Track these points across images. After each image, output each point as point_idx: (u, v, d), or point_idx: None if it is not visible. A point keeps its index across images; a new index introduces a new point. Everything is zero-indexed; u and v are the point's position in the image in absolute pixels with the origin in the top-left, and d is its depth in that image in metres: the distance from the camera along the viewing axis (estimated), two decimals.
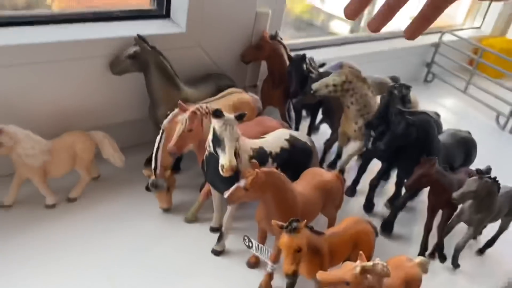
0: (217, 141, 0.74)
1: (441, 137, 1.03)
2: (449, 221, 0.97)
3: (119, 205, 0.98)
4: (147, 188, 1.00)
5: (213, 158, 0.79)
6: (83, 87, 0.98)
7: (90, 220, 0.92)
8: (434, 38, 1.89)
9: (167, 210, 0.98)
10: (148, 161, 1.09)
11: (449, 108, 1.79)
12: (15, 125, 0.84)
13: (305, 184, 0.83)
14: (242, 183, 0.72)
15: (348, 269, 0.62)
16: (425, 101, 1.56)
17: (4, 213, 0.90)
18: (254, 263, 0.89)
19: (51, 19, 0.96)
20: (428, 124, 0.95)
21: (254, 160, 0.73)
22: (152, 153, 0.98)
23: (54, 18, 0.96)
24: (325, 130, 1.37)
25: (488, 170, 1.00)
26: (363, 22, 3.44)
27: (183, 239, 0.92)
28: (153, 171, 0.92)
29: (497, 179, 0.88)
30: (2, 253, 0.82)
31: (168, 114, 0.91)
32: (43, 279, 0.79)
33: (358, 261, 0.63)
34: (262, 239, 0.85)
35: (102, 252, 0.86)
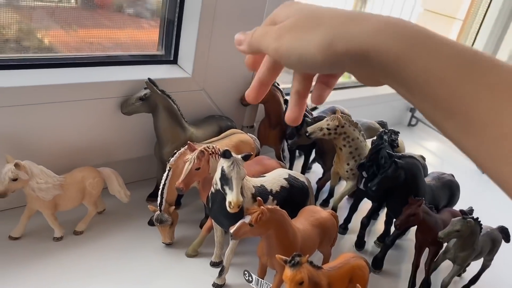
0: (225, 180, 0.80)
1: (427, 179, 1.10)
2: (435, 259, 1.03)
3: (123, 239, 1.02)
4: (150, 223, 1.04)
5: (219, 195, 0.84)
6: (94, 126, 1.03)
7: (96, 253, 0.96)
8: None
9: (169, 245, 1.02)
10: (151, 197, 1.15)
11: (433, 151, 1.88)
12: (30, 161, 0.89)
13: (303, 221, 0.89)
14: (247, 219, 0.78)
15: None
16: (410, 144, 1.66)
17: (12, 245, 0.93)
18: None
19: (66, 62, 1.03)
20: (415, 167, 1.03)
21: (259, 198, 0.79)
22: (157, 189, 1.03)
23: (69, 61, 1.03)
24: (316, 170, 1.44)
25: (471, 211, 1.08)
26: None
27: (184, 273, 0.96)
28: (158, 206, 0.97)
29: (479, 219, 0.95)
30: (9, 285, 0.84)
31: (175, 153, 0.97)
32: None
33: None
34: (262, 274, 0.89)
35: (107, 284, 0.89)
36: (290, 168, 1.37)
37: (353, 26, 0.41)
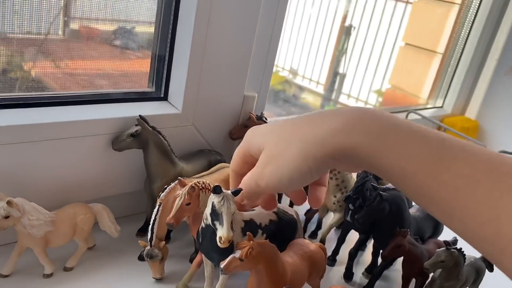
0: (216, 215, 0.82)
1: (412, 210, 1.13)
2: None
3: (113, 274, 1.02)
4: (140, 258, 1.05)
5: (209, 230, 0.86)
6: (85, 162, 1.05)
7: None
8: (401, 117, 2.07)
9: (159, 280, 1.02)
10: (141, 231, 1.16)
11: None
12: (22, 198, 0.90)
13: (292, 255, 0.91)
14: (237, 254, 0.79)
15: None
16: None
17: (2, 282, 0.93)
18: None
19: (59, 101, 1.05)
20: (399, 199, 1.06)
21: (249, 233, 0.81)
22: (147, 224, 1.04)
23: (61, 100, 1.06)
24: None
25: (455, 241, 1.10)
26: (334, 95, 3.68)
27: None
28: (148, 241, 0.98)
29: (462, 250, 0.98)
30: None
31: (165, 188, 0.99)
32: None
33: None
34: None
35: None
36: (279, 200, 1.39)
37: (318, 129, 0.45)
